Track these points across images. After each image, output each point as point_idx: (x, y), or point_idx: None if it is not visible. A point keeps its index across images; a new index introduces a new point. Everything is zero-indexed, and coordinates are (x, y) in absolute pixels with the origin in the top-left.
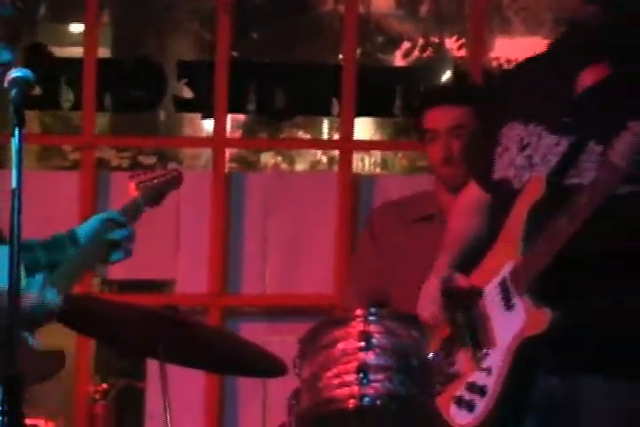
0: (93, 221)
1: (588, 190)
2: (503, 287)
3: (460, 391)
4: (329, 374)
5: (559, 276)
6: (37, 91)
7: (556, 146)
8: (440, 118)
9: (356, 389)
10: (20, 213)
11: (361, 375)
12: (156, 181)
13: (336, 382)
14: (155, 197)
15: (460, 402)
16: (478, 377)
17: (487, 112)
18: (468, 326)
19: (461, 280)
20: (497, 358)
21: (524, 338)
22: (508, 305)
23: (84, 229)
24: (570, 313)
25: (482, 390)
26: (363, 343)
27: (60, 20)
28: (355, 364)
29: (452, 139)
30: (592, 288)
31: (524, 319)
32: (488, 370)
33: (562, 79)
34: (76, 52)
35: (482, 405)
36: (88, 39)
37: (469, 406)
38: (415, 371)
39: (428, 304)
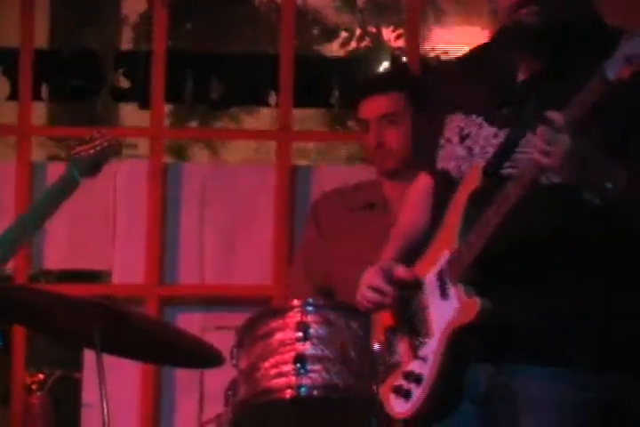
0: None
1: (513, 181)
2: (440, 277)
3: (399, 381)
4: (266, 364)
5: (488, 265)
6: None
7: (495, 137)
8: (370, 108)
9: (293, 379)
10: None
11: (298, 366)
12: (91, 151)
13: (273, 372)
14: (89, 167)
15: (397, 391)
16: (415, 366)
17: (421, 98)
18: (407, 315)
19: (401, 270)
20: (432, 346)
21: (456, 326)
22: (444, 294)
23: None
24: (498, 301)
25: (418, 379)
26: (300, 334)
27: None
28: (292, 354)
29: (383, 126)
30: (517, 277)
31: (457, 308)
32: (424, 359)
33: (500, 72)
34: (8, 41)
35: (418, 393)
36: (24, 28)
37: (406, 395)
38: (353, 361)
39: (368, 293)
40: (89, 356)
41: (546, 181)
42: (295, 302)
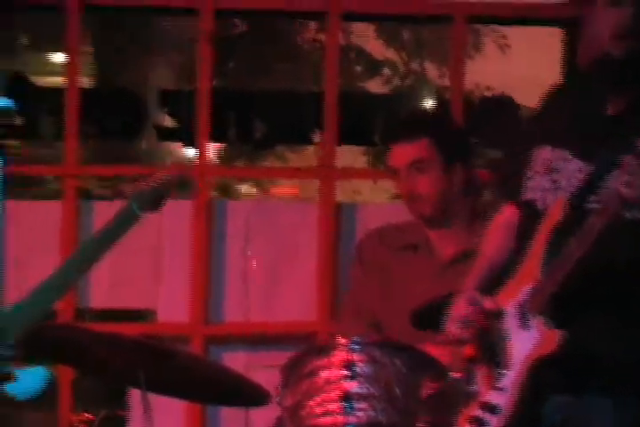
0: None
1: (596, 215)
2: (521, 308)
3: (475, 411)
4: (312, 402)
5: (570, 296)
6: (19, 121)
7: (581, 171)
8: (398, 156)
9: (339, 418)
10: (2, 243)
11: (344, 404)
12: (152, 184)
13: (319, 410)
14: (150, 200)
15: (474, 421)
16: (493, 396)
17: (450, 143)
18: (488, 345)
19: (487, 302)
20: (511, 377)
21: (536, 358)
22: (525, 325)
23: None
24: (580, 333)
25: (495, 409)
26: (346, 372)
27: (42, 50)
28: (338, 393)
29: (412, 175)
30: (600, 309)
31: (537, 340)
32: (502, 389)
33: (590, 107)
34: (58, 81)
35: (494, 423)
36: (70, 69)
37: (482, 425)
38: (398, 399)
39: (455, 324)
40: (135, 395)
41: (630, 216)
42: (341, 339)
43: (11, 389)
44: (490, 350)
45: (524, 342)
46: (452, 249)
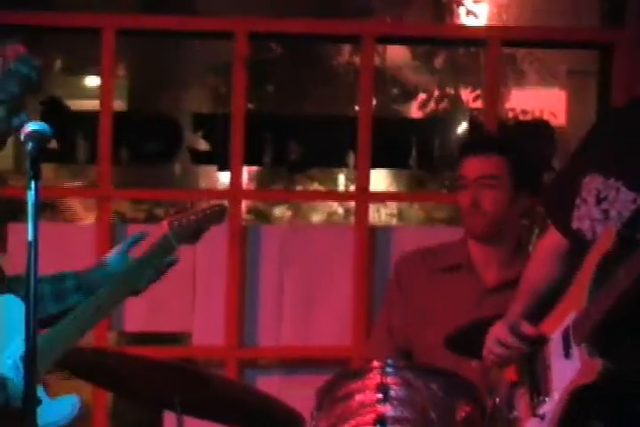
0: (122, 246)
1: None
2: (565, 336)
3: None
4: (346, 426)
5: (616, 326)
6: (53, 144)
7: (633, 202)
8: (471, 167)
9: None
10: (36, 266)
11: None
12: (192, 217)
13: None
14: (188, 234)
15: None
16: (533, 423)
17: (521, 162)
18: (530, 372)
19: (528, 328)
20: (551, 404)
21: (577, 387)
22: (568, 353)
23: (116, 257)
24: (623, 362)
25: None
26: (380, 395)
27: (75, 73)
28: (372, 416)
29: (481, 188)
30: None
31: (579, 368)
32: (542, 417)
33: None
34: (92, 105)
35: None
36: (104, 92)
37: None
38: (433, 423)
39: (495, 347)
40: (169, 418)
41: None
42: (375, 363)
43: (42, 416)
44: (531, 377)
45: (566, 370)
46: (495, 272)
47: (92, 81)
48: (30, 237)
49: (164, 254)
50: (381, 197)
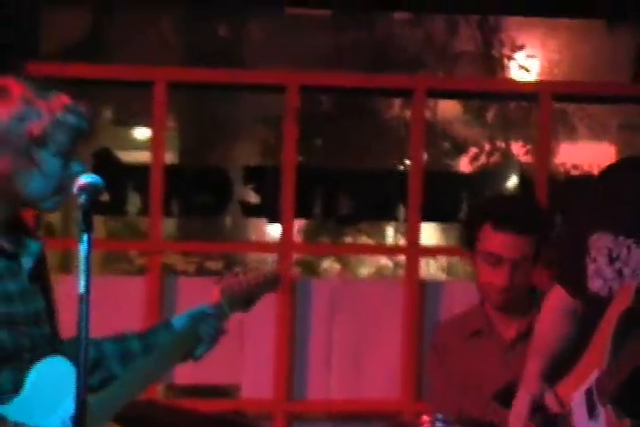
0: (187, 314)
1: None
2: (589, 396)
3: None
4: None
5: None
6: (104, 196)
7: None
8: (508, 246)
9: None
10: (88, 319)
11: None
12: (244, 284)
13: None
14: (242, 301)
15: None
16: None
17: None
18: None
19: (551, 400)
20: None
21: None
22: (593, 414)
23: (179, 320)
24: None
25: None
26: None
27: (126, 125)
28: None
29: (515, 269)
30: None
31: None
32: None
33: None
34: (142, 156)
35: None
36: (155, 144)
37: None
38: None
39: (519, 421)
40: None
41: None
42: (425, 417)
43: None
44: None
45: None
46: (514, 330)
47: (143, 133)
48: (82, 289)
49: (217, 322)
50: (432, 252)
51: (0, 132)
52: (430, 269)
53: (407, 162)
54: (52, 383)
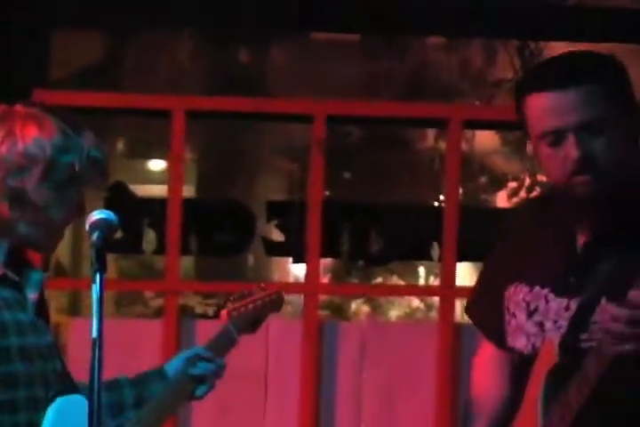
0: (180, 357)
1: (592, 356)
2: None
3: None
4: None
5: None
6: (118, 233)
7: (566, 309)
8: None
9: None
10: (100, 364)
11: None
12: (250, 306)
13: None
14: (248, 323)
15: None
16: None
17: None
18: None
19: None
20: None
21: None
22: None
23: (171, 366)
24: None
25: None
26: None
27: (140, 157)
28: None
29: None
30: None
31: None
32: None
33: (558, 238)
34: (158, 190)
35: None
36: (172, 177)
37: None
38: None
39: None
40: None
41: (630, 348)
42: None
43: None
44: None
45: None
46: None
47: (159, 165)
48: (94, 333)
49: (225, 347)
50: (468, 293)
51: (41, 160)
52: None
53: (442, 197)
54: (71, 423)
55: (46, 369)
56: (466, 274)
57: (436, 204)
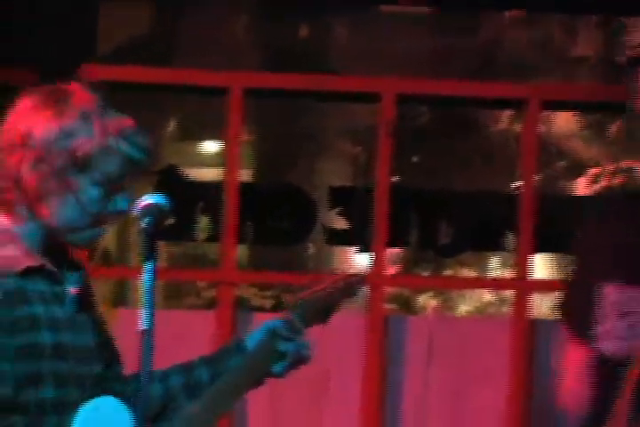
0: (261, 329)
1: None
2: None
3: None
4: None
5: None
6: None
7: None
8: None
9: None
10: (150, 359)
11: None
12: (320, 292)
13: None
14: (316, 313)
15: None
16: None
17: None
18: None
19: None
20: None
21: None
22: None
23: (252, 338)
24: None
25: None
26: None
27: (193, 138)
28: None
29: None
30: None
31: None
32: None
33: None
34: (212, 173)
35: None
36: (229, 160)
37: None
38: None
39: None
40: None
41: None
42: None
43: None
44: None
45: None
46: None
47: (215, 147)
48: (145, 325)
49: (291, 338)
50: (545, 286)
51: (41, 143)
52: (541, 306)
53: (517, 183)
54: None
55: (81, 370)
56: (542, 266)
57: (510, 191)
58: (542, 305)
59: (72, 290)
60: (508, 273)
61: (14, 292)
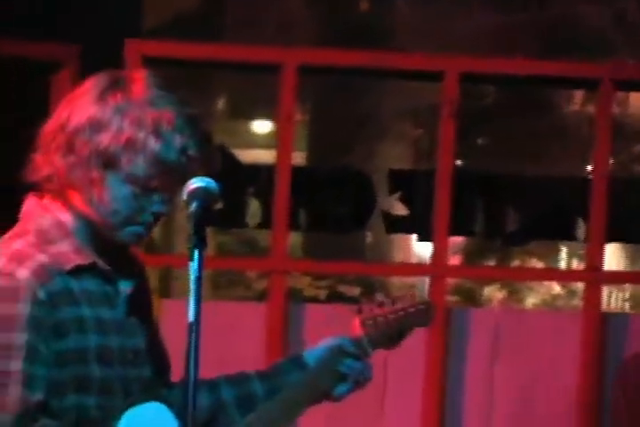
0: (323, 346)
1: None
2: None
3: None
4: None
5: None
6: (220, 204)
7: None
8: None
9: None
10: (197, 353)
11: None
12: (391, 316)
13: None
14: (387, 338)
15: None
16: None
17: None
18: None
19: None
20: None
21: None
22: None
23: (313, 354)
24: None
25: None
26: None
27: (243, 117)
28: None
29: None
30: None
31: None
32: None
33: None
34: (263, 155)
35: None
36: (282, 141)
37: None
38: None
39: None
40: None
41: None
42: None
43: None
44: None
45: None
46: None
47: (265, 127)
48: (191, 316)
49: (356, 361)
50: (618, 278)
51: (72, 131)
52: (613, 299)
53: (589, 168)
54: None
55: (128, 375)
56: (615, 256)
57: (582, 175)
58: (612, 298)
59: (126, 290)
60: (578, 264)
61: (59, 293)
